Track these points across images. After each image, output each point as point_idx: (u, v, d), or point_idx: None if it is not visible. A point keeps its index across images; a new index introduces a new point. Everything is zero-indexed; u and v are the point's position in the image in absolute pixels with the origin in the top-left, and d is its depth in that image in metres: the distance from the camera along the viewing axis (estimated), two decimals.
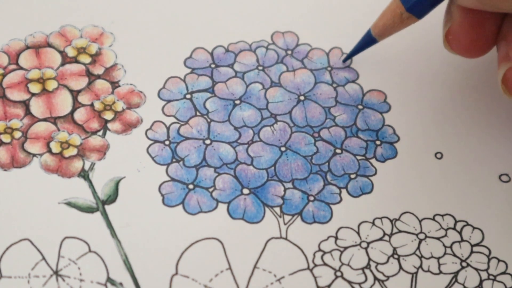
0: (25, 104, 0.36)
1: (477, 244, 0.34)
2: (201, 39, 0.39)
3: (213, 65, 0.39)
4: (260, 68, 0.39)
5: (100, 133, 0.36)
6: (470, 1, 0.32)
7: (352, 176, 0.36)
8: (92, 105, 0.36)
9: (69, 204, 0.33)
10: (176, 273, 0.32)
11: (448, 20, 0.34)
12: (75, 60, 0.38)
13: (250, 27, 0.40)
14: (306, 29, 0.40)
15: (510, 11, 0.32)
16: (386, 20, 0.36)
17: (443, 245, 0.34)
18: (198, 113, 0.37)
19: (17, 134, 0.35)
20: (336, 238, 0.34)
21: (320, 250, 0.33)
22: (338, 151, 0.36)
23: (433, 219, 0.35)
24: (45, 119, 0.36)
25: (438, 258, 0.33)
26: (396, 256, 0.33)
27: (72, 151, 0.35)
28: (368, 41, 0.38)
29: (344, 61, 0.39)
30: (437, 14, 0.36)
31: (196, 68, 0.38)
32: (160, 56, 0.39)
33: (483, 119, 0.38)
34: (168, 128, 0.36)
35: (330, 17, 0.41)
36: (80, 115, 0.36)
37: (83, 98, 0.37)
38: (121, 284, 0.32)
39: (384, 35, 0.37)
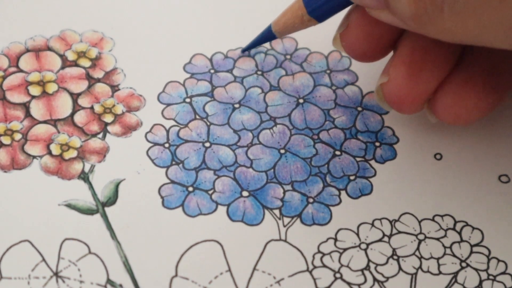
0: (25, 107, 0.36)
1: (476, 245, 0.34)
2: (200, 45, 0.40)
3: (212, 71, 0.39)
4: (259, 72, 0.39)
5: (100, 135, 0.36)
6: (387, 17, 0.31)
7: (352, 177, 0.36)
8: (92, 108, 0.36)
9: (69, 206, 0.33)
10: (176, 275, 0.32)
11: (343, 25, 0.35)
12: (75, 64, 0.38)
13: (249, 33, 0.40)
14: (304, 34, 0.40)
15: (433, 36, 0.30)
16: (287, 19, 0.36)
17: (443, 245, 0.34)
18: (197, 117, 0.37)
19: (17, 136, 0.35)
20: (336, 239, 0.34)
21: (319, 251, 0.33)
22: (338, 153, 0.36)
23: (433, 219, 0.35)
24: (45, 122, 0.36)
25: (438, 259, 0.33)
26: (395, 257, 0.33)
27: (72, 153, 0.35)
28: (268, 36, 0.38)
29: (243, 51, 0.39)
30: None
31: (195, 73, 0.39)
32: (159, 61, 0.39)
33: (483, 119, 0.37)
34: (167, 131, 0.36)
35: (328, 21, 0.41)
36: (80, 117, 0.36)
37: (83, 101, 0.37)
38: (121, 285, 0.32)
39: (284, 33, 0.37)
